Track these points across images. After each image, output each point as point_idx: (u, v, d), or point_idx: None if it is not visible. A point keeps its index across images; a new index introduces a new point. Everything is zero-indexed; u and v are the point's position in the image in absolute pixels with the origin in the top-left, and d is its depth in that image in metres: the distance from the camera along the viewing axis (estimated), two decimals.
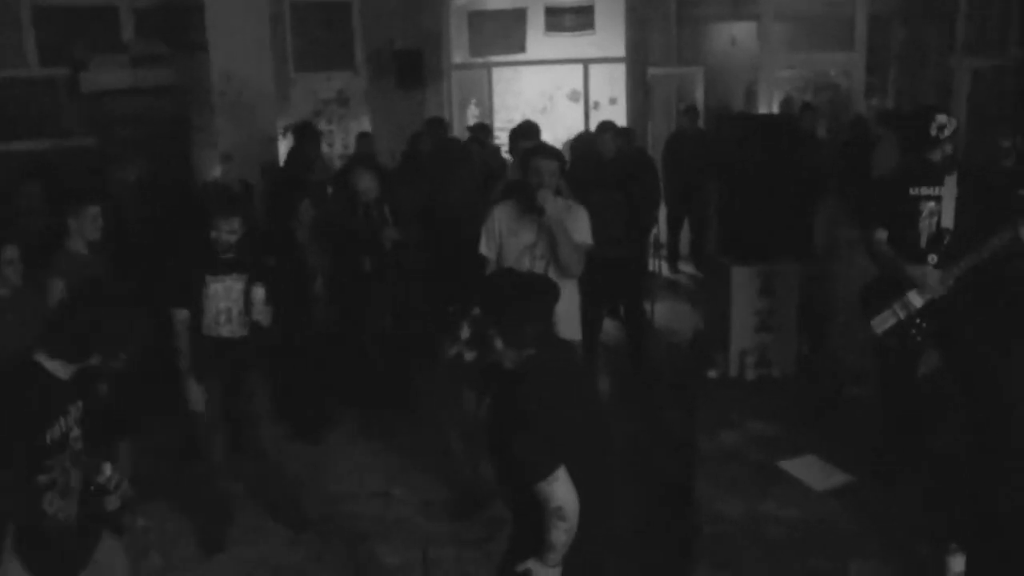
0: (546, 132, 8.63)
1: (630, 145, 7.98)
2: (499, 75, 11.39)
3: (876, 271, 4.78)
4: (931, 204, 4.51)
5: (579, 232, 4.42)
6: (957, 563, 3.61)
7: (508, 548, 2.94)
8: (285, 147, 8.56)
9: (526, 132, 6.21)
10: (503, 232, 4.51)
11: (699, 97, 10.83)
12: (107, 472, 2.93)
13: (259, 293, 4.41)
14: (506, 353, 2.76)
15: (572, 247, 4.36)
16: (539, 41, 11.10)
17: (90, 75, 8.44)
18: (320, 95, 10.52)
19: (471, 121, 10.69)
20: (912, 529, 4.32)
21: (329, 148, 10.04)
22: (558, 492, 2.61)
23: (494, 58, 11.27)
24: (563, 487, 2.62)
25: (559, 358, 2.91)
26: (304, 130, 7.85)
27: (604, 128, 7.01)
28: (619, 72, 10.86)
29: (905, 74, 10.54)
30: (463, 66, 11.30)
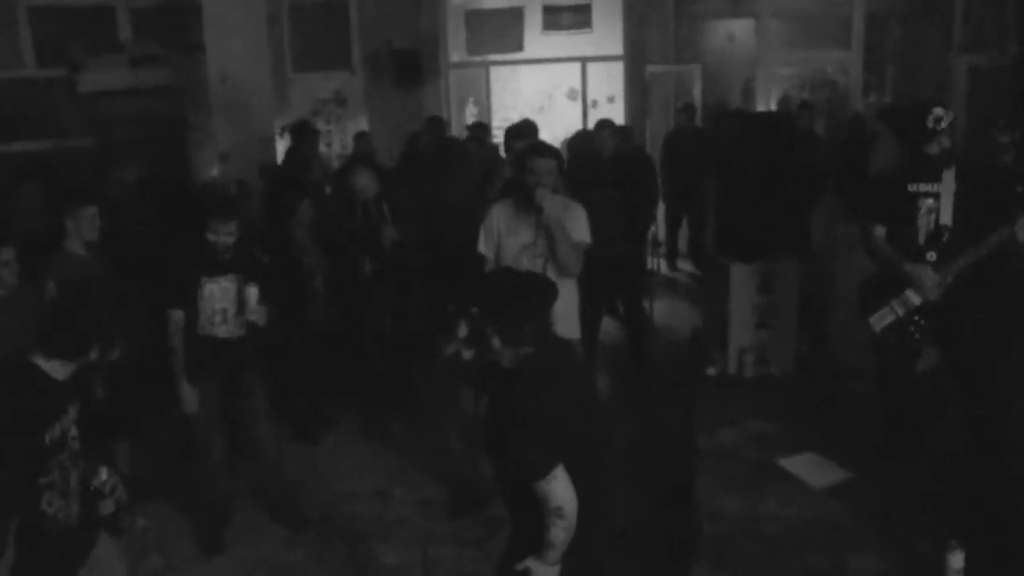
0: (544, 131, 8.63)
1: (628, 143, 7.98)
2: (497, 74, 11.39)
3: (874, 268, 4.78)
4: (929, 201, 4.51)
5: (577, 231, 4.42)
6: (956, 560, 3.61)
7: (507, 547, 2.94)
8: (283, 147, 8.56)
9: (522, 131, 6.19)
10: (501, 231, 4.50)
11: (697, 95, 10.83)
12: (103, 476, 2.94)
13: (253, 293, 4.41)
14: (504, 352, 2.75)
15: (570, 246, 4.35)
16: (537, 40, 11.11)
17: (87, 76, 8.45)
18: (318, 95, 10.53)
19: (469, 120, 10.70)
20: (912, 526, 4.32)
21: (327, 148, 10.04)
22: (557, 491, 2.61)
23: (492, 57, 11.27)
24: (562, 486, 2.61)
25: (557, 357, 2.91)
26: (302, 129, 7.84)
27: (602, 126, 7.01)
28: (617, 70, 10.87)
29: (903, 72, 10.54)
30: (461, 65, 11.29)
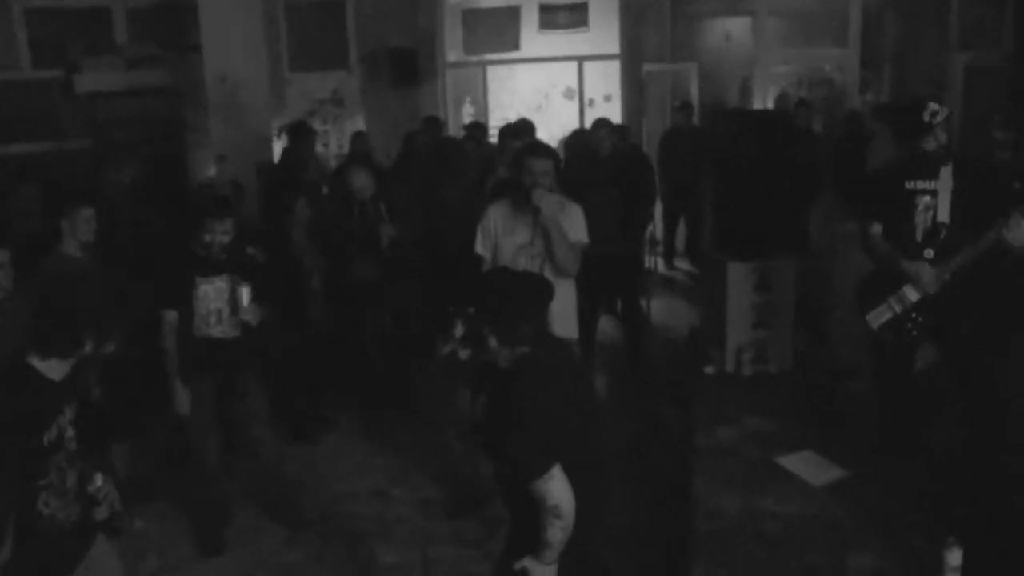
0: (541, 130, 8.65)
1: (625, 142, 7.98)
2: (494, 73, 11.39)
3: (872, 266, 4.77)
4: (926, 198, 4.50)
5: (574, 231, 4.41)
6: (954, 557, 3.61)
7: (505, 546, 2.94)
8: (280, 147, 8.56)
9: (517, 131, 6.19)
10: (498, 231, 4.50)
11: (694, 93, 10.83)
12: (98, 483, 2.93)
13: (245, 293, 4.41)
14: (500, 352, 2.76)
15: (567, 246, 4.34)
16: (533, 39, 11.11)
17: (84, 77, 8.44)
18: (315, 95, 10.53)
19: (466, 120, 10.70)
20: (910, 524, 4.31)
21: (324, 148, 10.04)
22: (554, 490, 2.61)
23: (488, 56, 11.27)
24: (559, 485, 2.62)
25: (554, 356, 2.91)
26: (298, 130, 7.84)
27: (599, 125, 7.01)
28: (614, 69, 10.86)
29: (900, 69, 10.54)
30: (458, 64, 11.29)
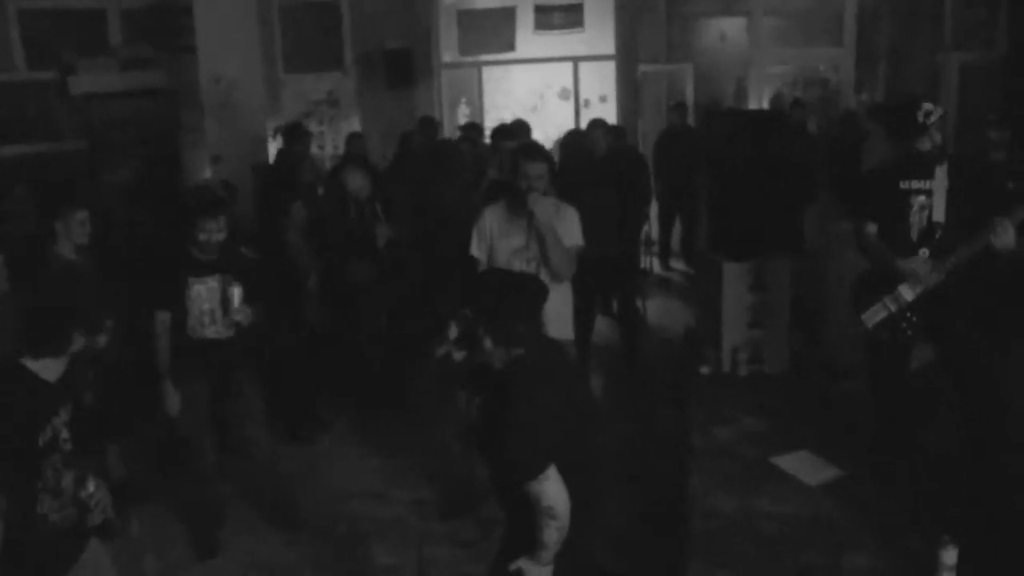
0: (537, 130, 8.65)
1: (621, 143, 7.99)
2: (489, 74, 11.39)
3: (867, 265, 4.78)
4: (921, 198, 4.50)
5: (569, 235, 4.40)
6: (949, 556, 3.61)
7: (501, 547, 2.94)
8: (276, 148, 8.55)
9: (509, 132, 6.20)
10: (494, 234, 4.49)
11: (689, 94, 10.84)
12: (90, 488, 2.93)
13: (237, 293, 4.40)
14: (495, 353, 2.76)
15: (562, 251, 4.33)
16: (529, 39, 11.11)
17: (79, 78, 8.43)
18: (310, 96, 10.52)
19: (462, 120, 10.70)
20: (905, 523, 4.32)
21: (320, 149, 10.03)
22: (549, 491, 2.61)
23: (484, 57, 11.27)
24: (554, 486, 2.62)
25: (549, 357, 2.91)
26: (293, 131, 7.84)
27: (595, 126, 7.01)
28: (609, 70, 10.87)
29: (894, 69, 10.56)
30: (453, 65, 11.30)
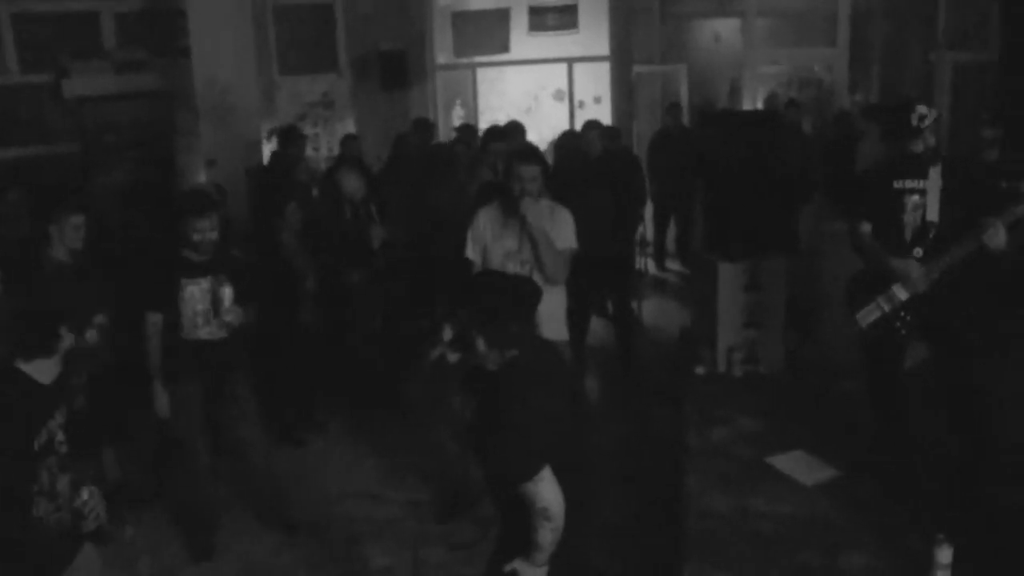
0: (531, 132, 8.67)
1: (615, 144, 7.99)
2: (483, 75, 11.41)
3: (861, 265, 4.79)
4: (915, 198, 4.51)
5: (562, 238, 4.40)
6: (944, 555, 3.62)
7: (496, 548, 2.94)
8: (271, 151, 8.54)
9: (499, 134, 6.20)
10: (488, 236, 4.50)
11: (684, 94, 10.85)
12: (84, 496, 2.92)
13: (228, 293, 4.39)
14: (489, 354, 2.76)
15: (555, 255, 4.33)
16: (523, 41, 11.12)
17: (73, 81, 8.42)
18: (305, 98, 10.51)
19: (456, 122, 10.70)
20: (902, 522, 4.32)
21: (315, 151, 10.02)
22: (543, 492, 2.61)
23: (478, 58, 11.28)
24: (548, 487, 2.62)
25: (543, 359, 2.91)
26: (288, 134, 7.83)
27: (589, 127, 7.02)
28: (603, 71, 10.89)
29: (888, 69, 10.59)
30: (447, 67, 11.31)
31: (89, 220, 4.80)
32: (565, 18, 11.04)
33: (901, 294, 4.52)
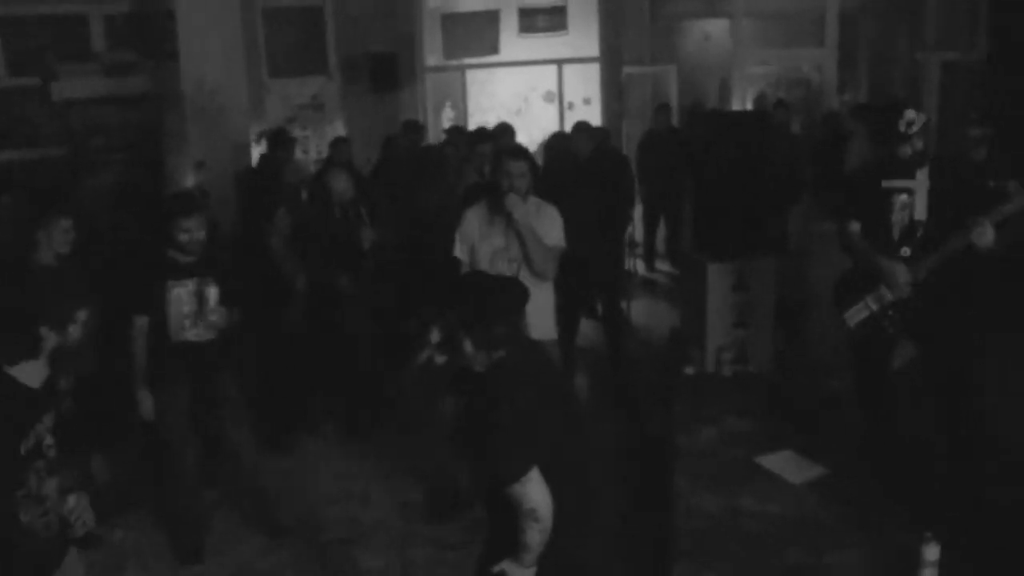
0: (521, 133, 8.67)
1: (605, 145, 8.00)
2: (473, 77, 11.41)
3: (850, 265, 4.81)
4: (903, 197, 4.54)
5: (550, 235, 4.40)
6: (932, 552, 3.64)
7: (484, 549, 2.94)
8: (260, 154, 8.53)
9: (486, 135, 6.21)
10: (475, 235, 4.50)
11: (673, 95, 10.87)
12: (71, 503, 2.91)
13: (213, 293, 4.38)
14: (476, 356, 2.76)
15: (543, 251, 4.33)
16: (513, 42, 11.13)
17: (61, 84, 8.39)
18: (294, 100, 10.50)
19: (446, 124, 10.70)
20: (889, 520, 4.35)
21: (304, 154, 10.00)
22: (531, 493, 2.61)
23: (468, 60, 11.28)
24: (536, 488, 2.62)
25: (531, 359, 2.91)
26: (278, 137, 7.83)
27: (579, 128, 7.03)
28: (593, 72, 10.91)
29: (876, 69, 10.63)
30: (437, 69, 11.30)
31: (79, 223, 4.79)
32: (555, 19, 11.05)
33: (889, 293, 4.54)
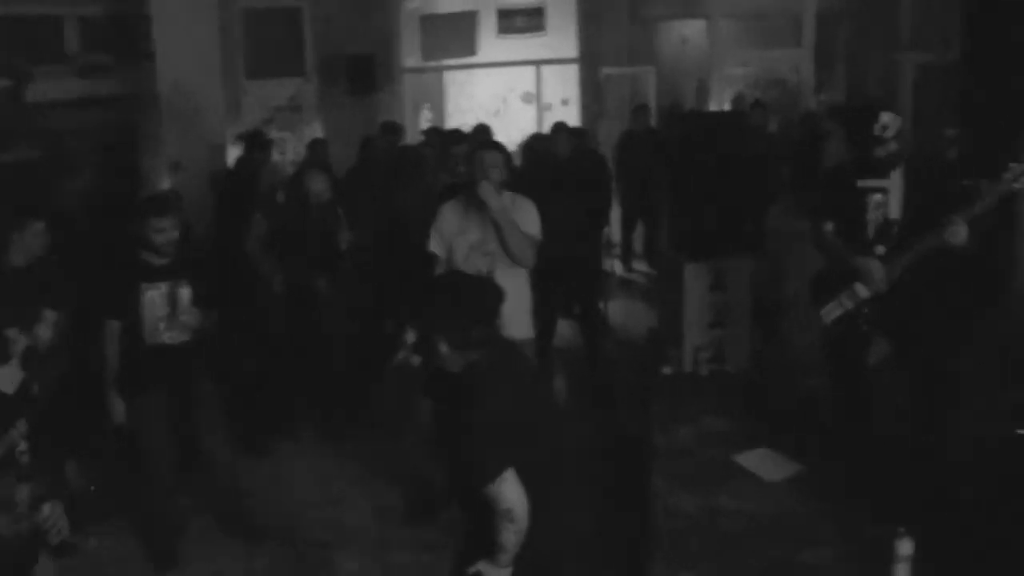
0: (500, 134, 8.66)
1: (583, 146, 8.02)
2: (452, 78, 11.41)
3: (825, 263, 4.84)
4: (877, 196, 4.56)
5: (526, 224, 4.41)
6: (905, 547, 3.66)
7: (460, 550, 2.94)
8: (237, 156, 8.49)
9: (459, 137, 6.22)
10: (451, 231, 4.50)
11: (652, 96, 10.90)
12: (45, 512, 2.89)
13: (185, 294, 4.35)
14: (451, 357, 2.76)
15: (520, 236, 4.33)
16: (491, 43, 11.14)
17: (35, 86, 8.32)
18: (272, 102, 10.45)
19: (424, 125, 10.70)
20: (865, 516, 4.37)
21: (281, 156, 9.97)
22: (507, 494, 2.61)
23: (446, 61, 11.28)
24: (512, 489, 2.62)
25: (506, 360, 2.91)
26: (254, 140, 7.79)
27: (558, 129, 7.04)
28: (571, 73, 10.93)
29: (853, 69, 10.70)
30: (415, 70, 11.30)
31: (56, 226, 4.74)
32: (533, 21, 11.07)
33: (863, 291, 4.57)
